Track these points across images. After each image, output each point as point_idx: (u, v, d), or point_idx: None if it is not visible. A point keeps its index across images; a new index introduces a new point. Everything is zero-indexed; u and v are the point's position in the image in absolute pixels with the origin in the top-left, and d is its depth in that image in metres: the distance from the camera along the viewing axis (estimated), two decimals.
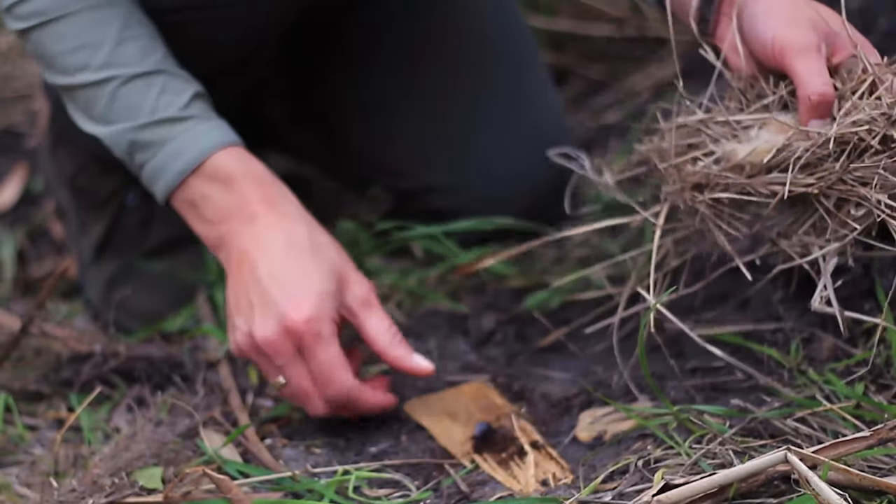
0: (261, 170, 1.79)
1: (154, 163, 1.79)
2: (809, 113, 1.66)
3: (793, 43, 1.66)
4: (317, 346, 1.72)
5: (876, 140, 1.61)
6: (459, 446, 1.75)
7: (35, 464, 1.83)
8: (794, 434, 1.66)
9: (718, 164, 1.69)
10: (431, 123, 2.13)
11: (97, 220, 2.18)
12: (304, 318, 1.71)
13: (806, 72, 1.65)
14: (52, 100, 2.21)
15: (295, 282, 1.73)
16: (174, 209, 1.83)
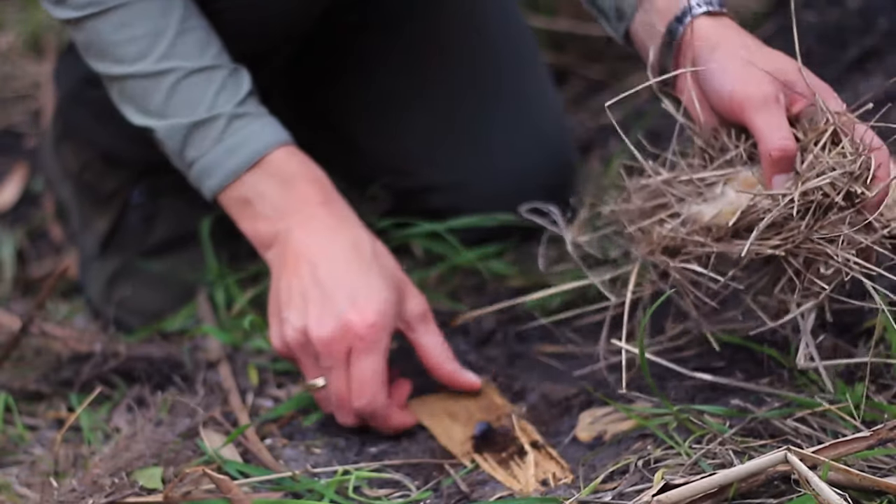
0: (318, 171, 1.81)
1: (207, 159, 1.79)
2: (772, 168, 1.64)
3: (751, 97, 1.64)
4: (368, 354, 1.73)
5: (840, 196, 1.60)
6: (460, 446, 1.75)
7: (35, 464, 1.83)
8: (794, 434, 1.66)
9: (685, 227, 1.68)
10: (433, 123, 2.13)
11: (100, 216, 2.18)
12: (369, 324, 1.72)
13: (766, 127, 1.64)
14: (59, 94, 2.20)
15: (360, 288, 1.74)
16: (220, 206, 1.84)
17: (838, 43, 2.37)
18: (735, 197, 1.67)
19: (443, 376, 1.81)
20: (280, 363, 1.97)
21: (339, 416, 1.79)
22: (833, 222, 1.61)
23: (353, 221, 1.80)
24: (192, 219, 2.16)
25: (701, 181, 1.70)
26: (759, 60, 1.67)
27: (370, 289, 1.74)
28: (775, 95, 1.65)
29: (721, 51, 1.68)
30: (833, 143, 1.65)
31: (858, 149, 1.62)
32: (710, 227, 1.67)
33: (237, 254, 2.19)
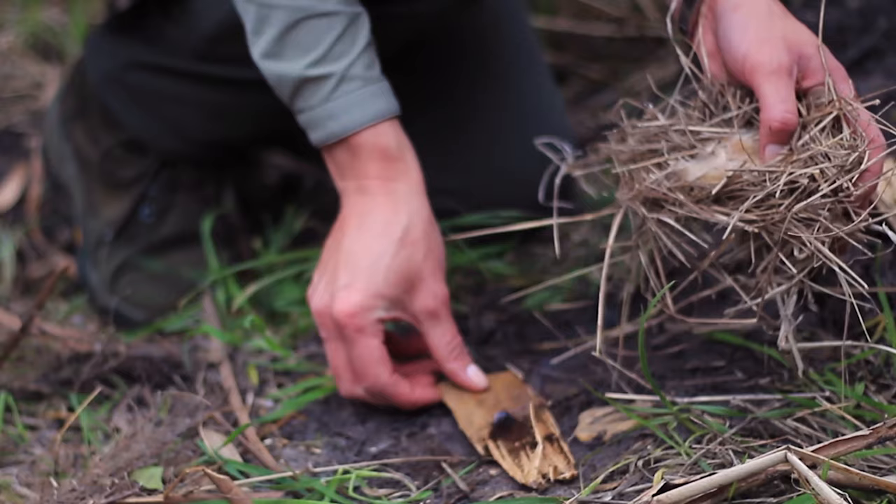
0: (391, 144, 1.80)
1: (313, 114, 1.79)
2: (768, 137, 1.64)
3: (764, 64, 1.64)
4: (356, 339, 1.76)
5: (826, 185, 1.60)
6: (477, 431, 1.76)
7: (35, 464, 1.83)
8: (794, 434, 1.66)
9: (669, 181, 1.68)
10: (434, 124, 2.13)
11: (112, 202, 2.17)
12: (347, 312, 1.75)
13: (772, 96, 1.63)
14: (94, 74, 2.17)
15: (361, 272, 1.76)
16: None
17: (838, 43, 2.36)
18: (724, 161, 1.66)
19: (446, 373, 1.82)
20: (280, 363, 1.97)
21: (340, 389, 1.82)
22: (814, 207, 1.60)
23: (402, 202, 1.80)
24: (202, 217, 2.16)
25: (695, 135, 1.69)
26: (780, 28, 1.67)
27: (369, 277, 1.76)
28: (788, 66, 1.65)
29: (743, 10, 1.68)
30: (835, 127, 1.64)
31: (856, 141, 1.62)
32: (693, 188, 1.66)
33: (239, 255, 2.20)
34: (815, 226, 1.60)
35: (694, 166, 1.68)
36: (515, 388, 1.83)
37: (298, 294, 2.08)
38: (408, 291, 1.79)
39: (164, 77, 2.08)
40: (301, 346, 2.02)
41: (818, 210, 1.60)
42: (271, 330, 2.03)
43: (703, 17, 1.72)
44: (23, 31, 2.97)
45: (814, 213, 1.60)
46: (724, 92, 1.70)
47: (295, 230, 2.21)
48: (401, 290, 1.78)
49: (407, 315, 1.80)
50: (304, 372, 1.96)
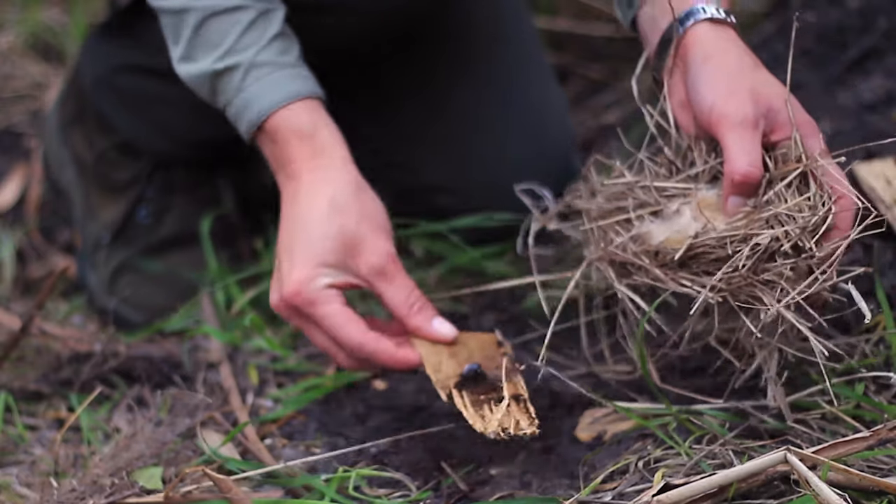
0: (305, 124, 1.79)
1: (233, 107, 1.79)
2: (731, 189, 1.63)
3: (729, 115, 1.62)
4: (315, 311, 1.74)
5: (789, 245, 1.58)
6: (443, 379, 1.73)
7: (35, 464, 1.83)
8: (794, 435, 1.66)
9: (635, 244, 1.67)
10: (436, 122, 2.13)
11: (110, 205, 2.18)
12: (293, 290, 1.73)
13: (736, 148, 1.62)
14: (86, 77, 2.18)
15: (298, 250, 1.75)
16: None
17: (838, 43, 2.36)
18: (688, 220, 1.66)
19: (411, 331, 1.78)
20: (280, 363, 1.97)
21: (337, 364, 1.80)
22: (776, 268, 1.59)
23: (327, 178, 1.77)
24: (199, 217, 2.16)
25: (660, 191, 1.68)
26: (750, 80, 1.65)
27: (306, 251, 1.74)
28: (754, 118, 1.63)
29: (713, 62, 1.66)
30: (802, 183, 1.63)
31: (823, 201, 1.60)
32: (658, 252, 1.66)
33: (239, 254, 2.20)
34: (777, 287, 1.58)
35: (657, 228, 1.67)
36: (492, 348, 1.80)
37: None
38: (350, 255, 1.75)
39: (150, 79, 2.10)
40: (301, 346, 2.02)
41: (781, 272, 1.58)
42: (271, 330, 2.03)
43: (675, 69, 1.70)
44: (23, 31, 2.97)
45: (777, 275, 1.59)
46: (693, 146, 1.68)
47: None
48: (341, 255, 1.74)
49: (358, 280, 1.75)
50: (304, 372, 1.96)
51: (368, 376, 1.91)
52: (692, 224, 1.65)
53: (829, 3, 2.44)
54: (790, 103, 1.65)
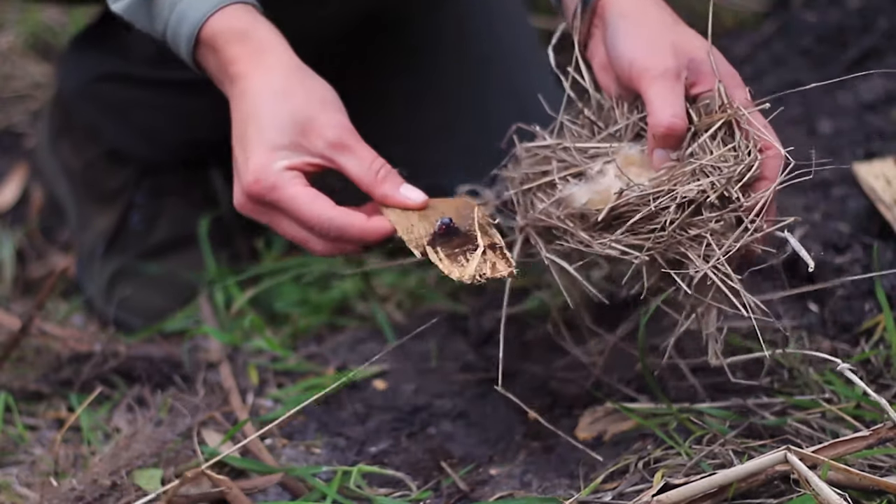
0: (243, 24, 1.73)
1: (171, 29, 1.73)
2: (656, 143, 1.61)
3: (650, 68, 1.61)
4: (277, 195, 1.66)
5: (715, 196, 1.56)
6: (416, 238, 1.66)
7: (35, 464, 1.83)
8: (794, 434, 1.66)
9: (559, 208, 1.64)
10: (434, 123, 2.13)
11: (102, 214, 2.18)
12: (251, 181, 1.67)
13: (658, 100, 1.60)
14: (66, 89, 2.20)
15: (250, 143, 1.68)
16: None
17: (838, 43, 2.37)
18: (611, 180, 1.62)
19: (378, 200, 1.70)
20: (280, 363, 1.97)
21: (313, 253, 1.72)
22: (704, 223, 1.56)
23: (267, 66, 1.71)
24: (193, 220, 2.17)
25: (582, 153, 1.66)
26: (670, 34, 1.63)
27: (258, 138, 1.67)
28: (676, 70, 1.61)
29: (631, 19, 1.64)
30: (729, 133, 1.60)
31: (749, 150, 1.58)
32: (582, 214, 1.63)
33: (237, 254, 2.20)
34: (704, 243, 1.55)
35: (580, 191, 1.64)
36: (465, 209, 1.73)
37: (298, 295, 2.08)
38: (304, 135, 1.68)
39: (130, 86, 2.10)
40: (301, 346, 2.02)
41: (709, 225, 1.55)
42: (271, 330, 2.03)
43: (594, 30, 1.69)
44: (23, 31, 2.98)
45: (705, 230, 1.56)
46: (615, 106, 1.66)
47: None
48: (295, 135, 1.68)
49: (316, 158, 1.69)
50: (304, 372, 1.96)
51: (368, 376, 1.91)
52: (615, 183, 1.62)
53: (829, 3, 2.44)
54: (713, 55, 1.62)
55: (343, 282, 2.10)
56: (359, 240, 1.68)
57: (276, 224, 1.70)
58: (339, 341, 2.00)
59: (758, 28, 2.53)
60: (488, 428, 1.83)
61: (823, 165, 1.61)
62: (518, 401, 1.72)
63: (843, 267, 1.82)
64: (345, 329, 2.03)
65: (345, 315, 2.07)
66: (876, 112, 2.21)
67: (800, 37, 2.41)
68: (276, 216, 1.69)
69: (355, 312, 2.07)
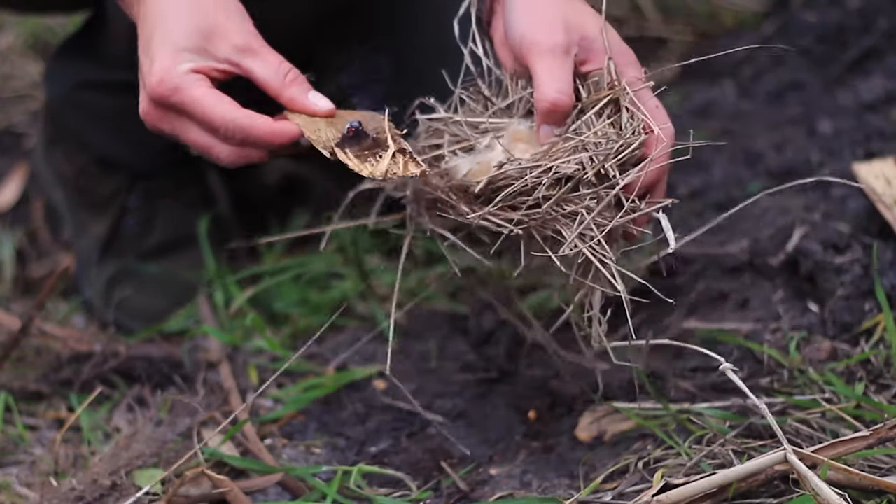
0: None
1: None
2: (542, 119, 1.60)
3: (538, 43, 1.61)
4: (181, 97, 1.63)
5: (592, 173, 1.55)
6: (324, 141, 1.64)
7: (35, 464, 1.83)
8: (794, 434, 1.66)
9: (444, 179, 1.64)
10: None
11: (97, 220, 2.19)
12: (155, 82, 1.63)
13: (545, 75, 1.60)
14: (51, 99, 2.22)
15: (154, 48, 1.64)
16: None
17: (838, 43, 2.37)
18: (497, 154, 1.62)
19: (285, 104, 1.67)
20: (280, 363, 1.97)
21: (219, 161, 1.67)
22: (580, 198, 1.55)
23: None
24: (189, 221, 2.17)
25: (473, 127, 1.65)
26: (562, 10, 1.62)
27: (162, 41, 1.64)
28: (565, 46, 1.61)
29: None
30: (616, 111, 1.59)
31: (634, 129, 1.56)
32: (464, 187, 1.62)
33: (236, 254, 2.20)
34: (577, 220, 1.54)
35: (464, 163, 1.64)
36: (374, 120, 1.69)
37: (298, 295, 2.08)
38: (209, 40, 1.66)
39: (112, 93, 2.11)
40: (301, 346, 2.02)
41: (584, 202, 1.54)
42: (271, 330, 2.03)
43: (496, 7, 1.69)
44: (23, 31, 2.98)
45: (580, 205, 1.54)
46: (510, 82, 1.66)
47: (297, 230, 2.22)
48: (200, 40, 1.65)
49: (222, 63, 1.66)
50: (304, 372, 1.96)
51: (369, 376, 1.91)
52: (499, 157, 1.61)
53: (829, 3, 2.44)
54: (606, 32, 1.62)
55: (343, 282, 2.10)
56: (264, 142, 1.64)
57: (180, 130, 1.66)
58: (339, 341, 2.00)
59: (758, 28, 2.53)
60: (488, 428, 1.83)
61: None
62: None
63: (843, 267, 1.82)
64: (345, 329, 2.03)
65: (345, 315, 2.07)
66: (876, 112, 2.22)
67: (800, 37, 2.41)
68: (180, 121, 1.65)
69: (355, 312, 2.07)
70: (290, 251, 2.19)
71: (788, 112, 2.30)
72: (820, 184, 2.06)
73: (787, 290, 1.86)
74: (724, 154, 2.23)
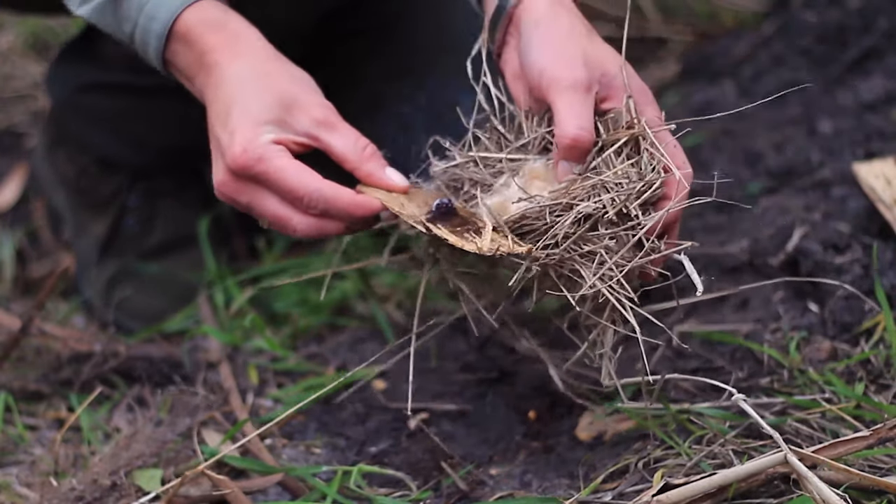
0: (216, 15, 1.71)
1: (139, 34, 1.71)
2: (561, 154, 1.58)
3: (560, 79, 1.59)
4: (265, 166, 1.63)
5: (613, 212, 1.54)
6: (412, 217, 1.63)
7: (35, 464, 1.83)
8: (794, 434, 1.66)
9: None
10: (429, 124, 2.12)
11: (97, 220, 2.20)
12: (240, 150, 1.63)
13: (565, 111, 1.58)
14: (52, 102, 2.23)
15: (234, 121, 1.65)
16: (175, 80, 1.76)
17: (838, 43, 2.37)
18: (514, 193, 1.60)
19: (362, 178, 1.67)
20: (280, 363, 1.97)
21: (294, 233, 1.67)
22: (599, 238, 1.55)
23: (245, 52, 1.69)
24: (189, 221, 2.17)
25: (489, 166, 1.64)
26: (582, 45, 1.61)
27: (242, 114, 1.65)
28: (586, 82, 1.59)
29: (543, 27, 1.62)
30: (635, 150, 1.58)
31: (654, 167, 1.55)
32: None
33: (236, 254, 2.20)
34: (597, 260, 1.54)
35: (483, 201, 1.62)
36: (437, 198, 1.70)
37: (298, 295, 2.08)
38: (288, 113, 1.66)
39: (111, 94, 2.12)
40: (301, 346, 2.02)
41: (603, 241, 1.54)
42: (271, 331, 2.03)
43: (509, 39, 1.67)
44: (23, 31, 2.98)
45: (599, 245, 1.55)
46: (524, 119, 1.64)
47: None
48: (280, 112, 1.66)
49: (301, 136, 1.66)
50: (304, 372, 1.96)
51: (369, 377, 1.91)
52: (516, 196, 1.60)
53: (829, 3, 2.44)
54: (625, 70, 1.60)
55: (343, 282, 2.10)
56: (346, 214, 1.64)
57: (257, 202, 1.65)
58: (339, 341, 2.00)
59: (758, 28, 2.53)
60: (488, 428, 1.83)
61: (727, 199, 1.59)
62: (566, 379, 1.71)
63: (843, 267, 1.82)
64: (345, 329, 2.03)
65: (345, 315, 2.07)
66: (876, 112, 2.22)
67: (800, 37, 2.41)
68: (258, 192, 1.65)
69: (355, 312, 2.07)
70: (291, 251, 2.19)
71: (788, 112, 2.30)
72: (820, 184, 2.06)
73: (787, 290, 1.86)
74: (724, 154, 2.23)
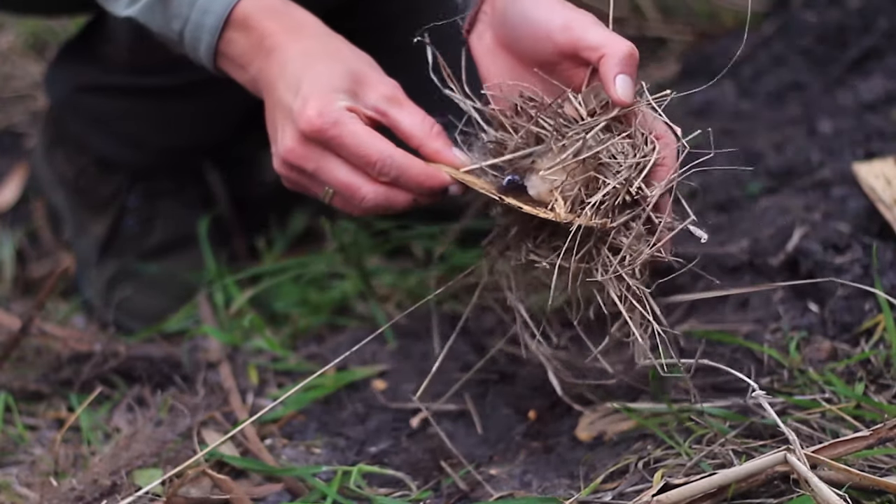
0: (275, 3, 1.71)
1: (191, 31, 1.72)
2: (619, 67, 1.57)
3: (583, 18, 1.59)
4: (340, 130, 1.63)
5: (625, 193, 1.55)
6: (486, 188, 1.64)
7: (35, 464, 1.83)
8: (794, 434, 1.65)
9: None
10: None
11: (97, 220, 2.20)
12: (315, 114, 1.62)
13: (609, 36, 1.58)
14: (52, 102, 2.23)
15: (306, 87, 1.65)
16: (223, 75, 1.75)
17: (838, 43, 2.37)
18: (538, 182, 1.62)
19: (428, 155, 1.67)
20: (280, 363, 1.97)
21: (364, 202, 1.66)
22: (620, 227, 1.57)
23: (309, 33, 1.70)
24: (189, 221, 2.17)
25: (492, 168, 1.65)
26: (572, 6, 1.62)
27: (315, 82, 1.65)
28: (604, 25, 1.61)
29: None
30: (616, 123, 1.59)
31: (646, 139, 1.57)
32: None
33: (236, 254, 2.20)
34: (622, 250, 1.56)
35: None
36: None
37: (298, 295, 2.08)
38: (359, 84, 1.67)
39: (110, 95, 2.12)
40: (301, 346, 2.02)
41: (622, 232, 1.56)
42: (271, 331, 2.03)
43: (482, 13, 1.67)
44: (23, 31, 2.98)
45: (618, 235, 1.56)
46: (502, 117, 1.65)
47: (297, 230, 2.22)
48: (349, 81, 1.66)
49: (369, 110, 1.67)
50: (304, 372, 1.96)
51: (369, 376, 1.91)
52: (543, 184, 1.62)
53: (829, 3, 2.44)
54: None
55: (343, 282, 2.10)
56: (417, 184, 1.64)
57: (326, 169, 1.65)
58: (339, 341, 2.00)
59: (758, 28, 2.53)
60: (488, 428, 1.83)
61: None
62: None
63: (843, 267, 1.82)
64: (345, 329, 2.03)
65: (345, 315, 2.07)
66: (876, 112, 2.22)
67: (800, 37, 2.41)
68: (327, 158, 1.65)
69: (355, 312, 2.07)
70: (291, 251, 2.19)
71: (788, 112, 2.30)
72: (820, 184, 2.06)
73: (787, 290, 1.86)
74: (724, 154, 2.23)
